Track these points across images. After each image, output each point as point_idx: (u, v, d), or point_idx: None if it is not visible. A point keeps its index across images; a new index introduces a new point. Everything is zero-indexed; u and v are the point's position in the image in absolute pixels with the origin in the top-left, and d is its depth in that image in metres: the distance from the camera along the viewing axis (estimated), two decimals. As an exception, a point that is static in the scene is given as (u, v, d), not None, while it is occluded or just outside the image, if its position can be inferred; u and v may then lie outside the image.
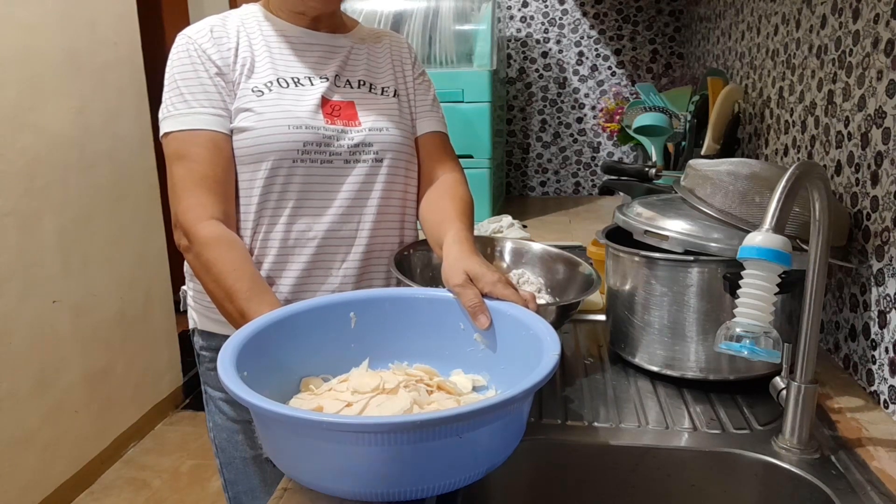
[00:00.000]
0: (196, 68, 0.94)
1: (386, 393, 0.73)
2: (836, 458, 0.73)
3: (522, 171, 2.30)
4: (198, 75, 0.94)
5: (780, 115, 1.24)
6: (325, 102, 0.98)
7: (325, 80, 1.00)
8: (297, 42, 1.01)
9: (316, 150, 0.95)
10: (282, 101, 0.95)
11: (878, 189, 0.86)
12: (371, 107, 1.02)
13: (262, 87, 0.96)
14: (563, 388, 0.90)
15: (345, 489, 0.62)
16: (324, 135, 0.96)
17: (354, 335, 0.82)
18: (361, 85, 1.04)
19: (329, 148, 0.96)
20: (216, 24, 0.98)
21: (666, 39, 2.16)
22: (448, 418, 0.57)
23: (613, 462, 0.77)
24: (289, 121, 0.94)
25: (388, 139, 1.01)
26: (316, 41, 1.02)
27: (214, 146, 0.93)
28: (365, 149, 0.99)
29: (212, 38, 0.96)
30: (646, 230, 0.89)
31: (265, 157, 0.94)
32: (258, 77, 0.97)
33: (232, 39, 0.97)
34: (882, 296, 0.84)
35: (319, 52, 1.02)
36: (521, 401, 0.63)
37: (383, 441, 0.57)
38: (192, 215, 0.91)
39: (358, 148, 0.98)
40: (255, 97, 0.95)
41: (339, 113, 0.99)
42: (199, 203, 0.92)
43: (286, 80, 0.98)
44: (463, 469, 0.62)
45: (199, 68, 0.94)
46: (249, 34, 0.99)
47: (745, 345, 0.63)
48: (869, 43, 0.89)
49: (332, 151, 0.96)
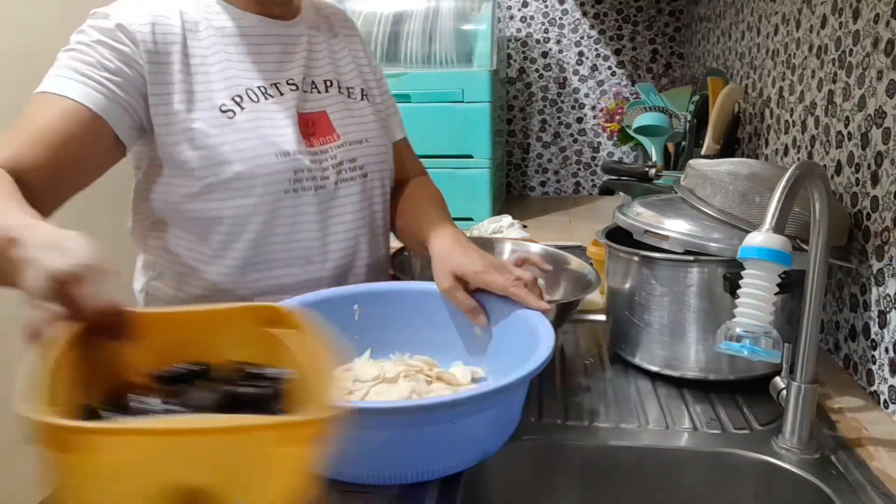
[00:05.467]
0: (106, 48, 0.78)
1: (386, 382, 0.76)
2: (836, 458, 0.73)
3: (522, 171, 2.30)
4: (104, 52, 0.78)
5: (780, 115, 1.24)
6: (299, 118, 0.88)
7: (293, 86, 0.89)
8: (255, 35, 0.88)
9: (307, 176, 0.87)
10: (258, 121, 0.84)
11: (878, 189, 0.86)
12: (344, 115, 0.94)
13: (231, 105, 0.83)
14: (563, 388, 0.90)
15: (345, 471, 0.65)
16: (310, 158, 0.87)
17: (357, 327, 0.84)
18: (329, 87, 0.94)
19: (318, 172, 0.88)
20: (160, 14, 0.82)
21: (666, 39, 2.16)
22: (442, 405, 0.61)
23: (613, 462, 0.77)
24: (273, 147, 0.84)
25: (369, 152, 0.94)
26: (271, 31, 0.89)
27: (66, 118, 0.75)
28: (350, 165, 0.91)
29: (151, 30, 0.80)
30: (646, 230, 0.89)
31: (250, 193, 0.83)
32: (219, 88, 0.83)
33: (176, 32, 0.82)
34: (882, 296, 0.84)
35: (278, 48, 0.89)
36: (514, 390, 0.66)
37: (381, 425, 0.62)
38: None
39: (343, 166, 0.91)
40: (227, 119, 0.82)
41: (313, 129, 0.89)
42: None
43: (255, 91, 0.85)
44: (457, 454, 0.65)
45: (111, 51, 0.78)
46: (196, 24, 0.84)
47: (745, 345, 0.63)
48: (869, 43, 0.89)
49: (321, 175, 0.88)
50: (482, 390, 0.62)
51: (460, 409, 0.62)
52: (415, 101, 1.71)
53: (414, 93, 1.71)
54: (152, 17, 0.81)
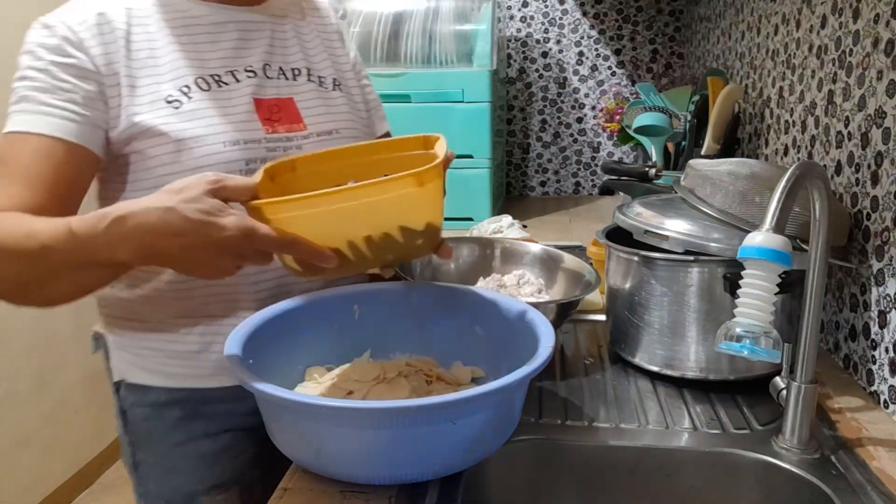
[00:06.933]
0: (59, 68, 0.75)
1: (387, 382, 0.77)
2: (836, 458, 0.73)
3: (522, 171, 2.30)
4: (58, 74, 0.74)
5: (780, 115, 1.24)
6: (258, 104, 0.83)
7: (250, 72, 0.83)
8: (209, 23, 0.83)
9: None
10: (207, 110, 0.79)
11: (878, 189, 0.86)
12: (315, 103, 0.88)
13: (178, 95, 0.78)
14: (563, 388, 0.90)
15: (346, 472, 0.66)
16: (267, 147, 0.81)
17: (357, 327, 0.84)
18: (298, 75, 0.88)
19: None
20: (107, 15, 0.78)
21: (666, 39, 2.16)
22: (442, 405, 0.60)
23: (613, 462, 0.77)
24: (222, 136, 0.79)
25: (339, 144, 0.87)
26: (229, 18, 0.84)
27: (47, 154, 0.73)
28: None
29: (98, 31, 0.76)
30: (646, 230, 0.89)
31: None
32: (167, 79, 0.78)
33: (120, 27, 0.78)
34: (882, 296, 0.84)
35: (236, 34, 0.84)
36: (514, 390, 0.67)
37: (381, 425, 0.62)
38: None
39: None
40: (172, 109, 0.77)
41: (278, 116, 0.84)
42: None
43: (205, 79, 0.80)
44: (457, 454, 0.65)
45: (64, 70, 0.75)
46: (146, 17, 0.80)
47: (745, 345, 0.63)
48: (869, 43, 0.89)
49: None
50: (482, 390, 0.62)
51: (460, 409, 0.62)
52: (415, 101, 1.71)
53: (414, 93, 1.71)
54: (95, 16, 0.77)
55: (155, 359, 0.86)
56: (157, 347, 0.85)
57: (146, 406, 0.87)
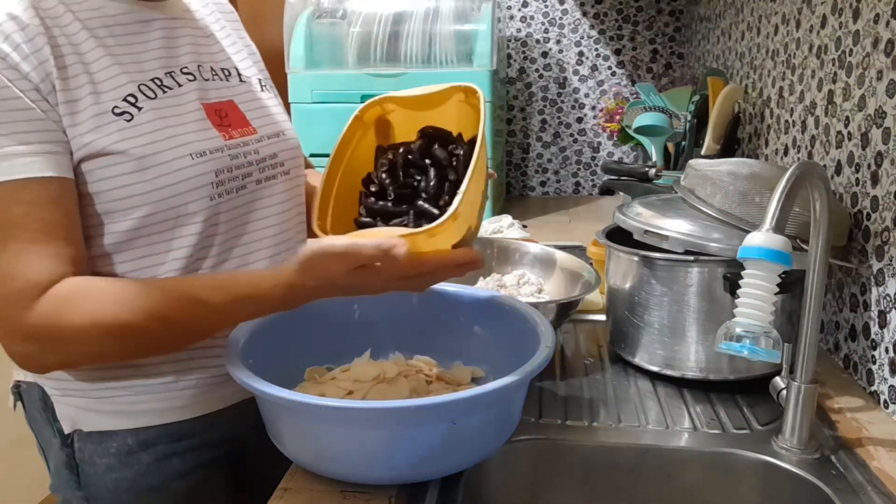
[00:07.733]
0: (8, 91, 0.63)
1: (386, 382, 0.77)
2: (836, 458, 0.73)
3: (522, 171, 2.30)
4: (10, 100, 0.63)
5: (780, 115, 1.24)
6: (207, 109, 0.76)
7: (188, 74, 0.76)
8: (130, 23, 0.73)
9: (229, 177, 0.74)
10: (161, 120, 0.71)
11: (878, 189, 0.86)
12: (252, 105, 0.82)
13: (126, 106, 0.69)
14: (563, 388, 0.90)
15: (346, 472, 0.66)
16: (230, 154, 0.75)
17: (357, 327, 0.84)
18: (228, 76, 0.81)
19: (240, 170, 0.76)
20: (21, 18, 0.64)
21: (666, 39, 2.16)
22: (442, 405, 0.61)
23: (613, 462, 0.77)
24: (185, 148, 0.71)
25: (287, 146, 0.83)
26: (148, 16, 0.75)
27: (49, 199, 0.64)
28: (272, 161, 0.80)
29: (22, 41, 0.64)
30: (646, 230, 0.89)
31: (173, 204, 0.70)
32: (106, 89, 0.69)
33: (40, 37, 0.65)
34: (882, 296, 0.84)
35: (160, 33, 0.75)
36: (514, 390, 0.67)
37: (381, 425, 0.62)
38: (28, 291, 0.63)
39: (265, 162, 0.79)
40: (124, 123, 0.68)
41: (228, 120, 0.77)
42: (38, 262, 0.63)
43: (148, 86, 0.72)
44: (457, 454, 0.66)
45: (12, 90, 0.63)
46: (57, 19, 0.68)
47: (745, 345, 0.63)
48: (869, 43, 0.89)
49: (243, 174, 0.76)
50: (482, 390, 0.62)
51: (460, 409, 0.62)
52: (415, 101, 1.71)
53: (414, 93, 1.71)
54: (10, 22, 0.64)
55: (120, 399, 0.75)
56: (121, 385, 0.75)
57: (110, 455, 0.76)
